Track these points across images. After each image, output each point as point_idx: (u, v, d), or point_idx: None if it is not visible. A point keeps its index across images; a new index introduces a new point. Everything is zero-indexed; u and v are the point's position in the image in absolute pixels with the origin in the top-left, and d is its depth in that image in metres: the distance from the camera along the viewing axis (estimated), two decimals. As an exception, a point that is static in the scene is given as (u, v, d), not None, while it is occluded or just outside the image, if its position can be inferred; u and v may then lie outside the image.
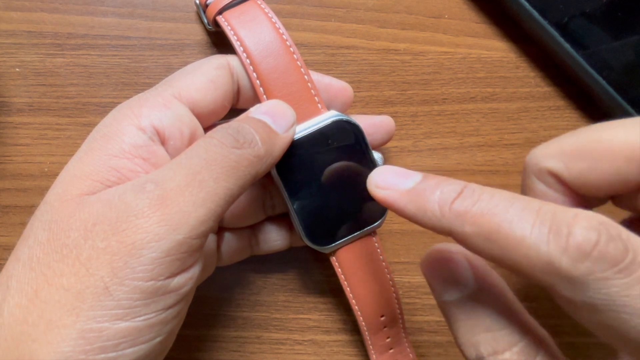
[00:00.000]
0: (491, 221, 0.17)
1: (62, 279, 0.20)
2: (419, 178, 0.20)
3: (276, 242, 0.30)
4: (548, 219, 0.17)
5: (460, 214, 0.18)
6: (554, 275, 0.16)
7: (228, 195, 0.22)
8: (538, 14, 0.32)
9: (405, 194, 0.20)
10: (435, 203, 0.19)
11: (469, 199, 0.18)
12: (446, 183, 0.19)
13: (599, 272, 0.16)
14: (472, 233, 0.18)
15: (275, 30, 0.27)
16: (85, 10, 0.31)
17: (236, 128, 0.23)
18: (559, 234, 0.16)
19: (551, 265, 0.16)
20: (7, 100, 0.31)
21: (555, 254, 0.16)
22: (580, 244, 0.16)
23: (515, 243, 0.17)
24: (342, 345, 0.33)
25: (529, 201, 0.17)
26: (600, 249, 0.16)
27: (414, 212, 0.19)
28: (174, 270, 0.21)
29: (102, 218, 0.21)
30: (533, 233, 0.16)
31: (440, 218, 0.18)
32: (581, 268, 0.16)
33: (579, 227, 0.16)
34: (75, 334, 0.19)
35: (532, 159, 0.22)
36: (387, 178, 0.20)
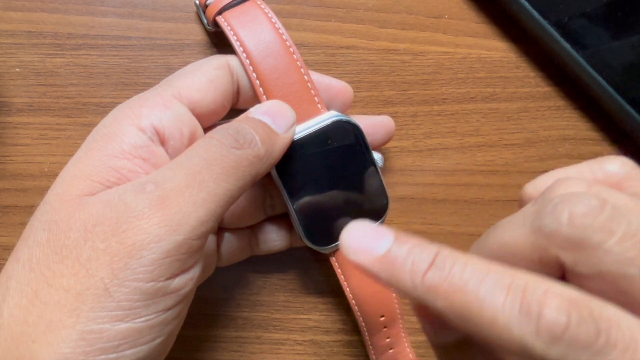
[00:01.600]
0: (463, 298, 0.17)
1: (62, 279, 0.20)
2: (390, 241, 0.19)
3: (276, 242, 0.30)
4: (519, 296, 0.16)
5: (431, 289, 0.17)
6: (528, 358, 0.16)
7: (228, 195, 0.22)
8: (538, 14, 0.32)
9: (377, 260, 0.19)
10: (407, 274, 0.18)
11: (440, 271, 0.17)
12: (418, 250, 0.18)
13: (572, 355, 0.15)
14: (444, 309, 0.17)
15: (275, 30, 0.27)
16: (85, 10, 0.31)
17: (236, 128, 0.23)
18: (529, 315, 0.15)
19: (524, 349, 0.15)
20: (7, 100, 0.31)
21: (527, 338, 0.15)
22: (551, 327, 0.15)
23: (488, 323, 0.16)
24: (342, 346, 0.33)
25: (501, 274, 0.17)
26: (571, 332, 0.15)
27: (387, 280, 0.18)
28: (174, 271, 0.21)
29: (102, 219, 0.21)
30: (504, 313, 0.16)
31: (413, 289, 0.18)
32: (554, 352, 0.15)
33: (549, 309, 0.15)
34: (76, 335, 0.19)
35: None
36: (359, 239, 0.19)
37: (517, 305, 0.16)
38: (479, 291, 0.16)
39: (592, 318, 0.15)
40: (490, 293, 0.16)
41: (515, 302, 0.16)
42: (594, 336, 0.15)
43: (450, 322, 0.17)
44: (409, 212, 0.33)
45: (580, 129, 0.34)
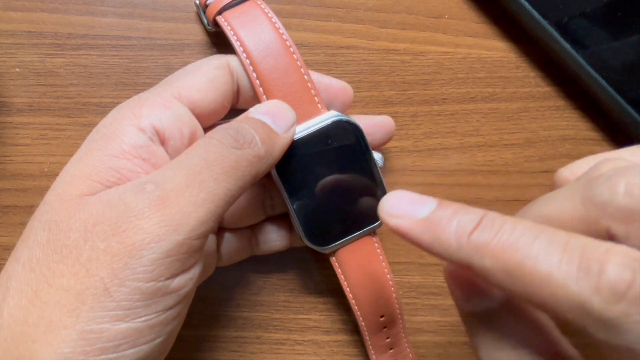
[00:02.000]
0: (514, 256, 0.16)
1: (62, 279, 0.20)
2: (434, 205, 0.19)
3: (276, 242, 0.30)
4: (577, 254, 0.15)
5: (479, 247, 0.17)
6: (586, 318, 0.15)
7: (228, 195, 0.22)
8: (538, 14, 0.32)
9: (419, 223, 0.18)
10: (452, 234, 0.17)
11: (489, 230, 0.17)
12: (464, 212, 0.18)
13: (636, 314, 0.14)
14: (492, 268, 0.16)
15: (275, 30, 0.27)
16: (85, 10, 0.31)
17: (236, 128, 0.23)
18: (589, 272, 0.15)
19: (582, 306, 0.15)
20: (7, 100, 0.31)
21: (586, 294, 0.15)
22: (613, 283, 0.14)
23: (541, 280, 0.15)
24: (342, 345, 0.33)
25: (555, 233, 0.16)
26: (636, 290, 0.14)
27: (429, 243, 0.18)
28: (174, 271, 0.21)
29: (102, 219, 0.21)
30: (561, 270, 0.15)
31: (458, 250, 0.17)
32: (616, 310, 0.14)
33: (612, 265, 0.15)
34: (76, 334, 0.19)
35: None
36: (400, 205, 0.19)
37: (575, 263, 0.15)
38: (532, 248, 0.16)
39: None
40: (544, 250, 0.16)
41: (573, 260, 0.15)
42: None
43: (498, 283, 0.17)
44: (409, 212, 0.33)
45: (580, 129, 0.34)
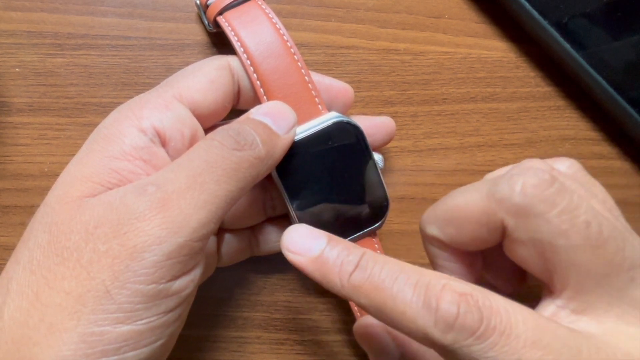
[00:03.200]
0: (380, 295, 0.20)
1: (63, 282, 0.20)
2: (324, 243, 0.22)
3: (276, 243, 0.30)
4: (423, 292, 0.19)
5: (356, 287, 0.20)
6: (433, 345, 0.19)
7: (229, 197, 0.22)
8: (538, 14, 0.32)
9: (312, 262, 0.22)
10: (337, 275, 0.21)
11: (363, 272, 0.21)
12: (347, 253, 0.21)
13: (462, 340, 0.18)
14: (367, 305, 0.20)
15: (276, 30, 0.27)
16: (85, 10, 0.31)
17: (237, 130, 0.23)
18: (430, 308, 0.19)
19: (427, 337, 0.19)
20: (7, 100, 0.31)
21: (429, 327, 0.19)
22: (445, 317, 0.18)
23: (399, 317, 0.19)
24: (342, 345, 0.33)
25: (410, 273, 0.20)
26: (459, 321, 0.18)
27: (320, 280, 0.22)
28: (175, 273, 0.21)
29: (103, 221, 0.21)
30: (411, 308, 0.19)
31: (342, 289, 0.21)
32: (448, 338, 0.18)
33: (443, 302, 0.19)
34: (77, 337, 0.19)
35: (421, 226, 0.25)
36: (296, 241, 0.23)
37: (421, 300, 0.19)
38: (392, 289, 0.20)
39: (476, 308, 0.19)
40: (401, 290, 0.20)
41: (420, 297, 0.19)
42: (478, 323, 0.18)
43: (374, 317, 0.20)
44: (409, 212, 0.34)
45: (580, 129, 0.34)
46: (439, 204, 0.24)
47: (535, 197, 0.20)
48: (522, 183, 0.21)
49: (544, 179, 0.21)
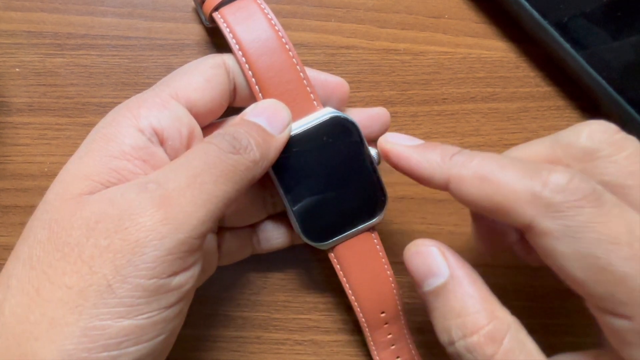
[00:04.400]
0: (485, 167, 0.21)
1: (64, 277, 0.20)
2: (423, 141, 0.24)
3: (277, 240, 0.30)
4: (531, 167, 0.20)
5: (458, 163, 0.22)
6: (536, 205, 0.20)
7: (226, 197, 0.22)
8: (538, 14, 0.32)
9: (411, 147, 0.23)
10: (438, 154, 0.22)
11: (466, 154, 0.22)
12: (446, 144, 0.23)
13: (573, 200, 0.19)
14: (468, 176, 0.21)
15: (271, 27, 0.27)
16: (85, 10, 0.31)
17: (232, 134, 0.23)
18: (540, 175, 0.20)
19: (534, 195, 0.19)
20: (7, 100, 0.31)
21: (537, 187, 0.20)
22: (558, 179, 0.19)
23: (505, 182, 0.20)
24: (342, 345, 0.33)
25: (514, 159, 0.21)
26: (574, 184, 0.19)
27: (417, 160, 0.23)
28: (175, 268, 0.21)
29: (104, 216, 0.21)
30: (519, 175, 0.20)
31: (442, 165, 0.22)
32: (559, 197, 0.19)
33: (557, 170, 0.20)
34: (78, 331, 0.19)
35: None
36: (397, 136, 0.25)
37: (529, 170, 0.20)
38: (498, 162, 0.21)
39: (590, 181, 0.19)
40: (509, 165, 0.21)
41: (529, 169, 0.20)
42: (592, 189, 0.19)
43: (470, 189, 0.21)
44: (409, 212, 0.33)
45: (580, 129, 0.34)
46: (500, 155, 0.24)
47: (604, 142, 0.21)
48: (589, 130, 0.22)
49: (610, 127, 0.22)
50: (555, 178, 0.19)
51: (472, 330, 0.21)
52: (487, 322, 0.21)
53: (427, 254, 0.23)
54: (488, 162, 0.21)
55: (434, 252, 0.23)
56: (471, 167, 0.21)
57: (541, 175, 0.20)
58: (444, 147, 0.23)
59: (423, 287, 0.23)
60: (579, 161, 0.22)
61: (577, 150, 0.22)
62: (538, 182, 0.20)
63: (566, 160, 0.22)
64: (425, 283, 0.23)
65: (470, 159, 0.22)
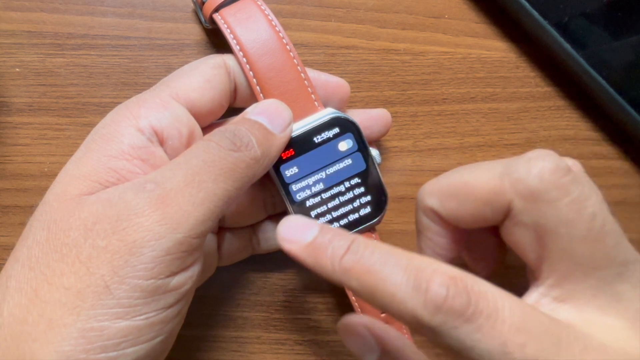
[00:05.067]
0: (371, 278, 0.20)
1: (62, 278, 0.20)
2: (316, 231, 0.22)
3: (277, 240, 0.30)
4: (412, 275, 0.19)
5: (347, 270, 0.20)
6: (422, 327, 0.19)
7: (226, 196, 0.22)
8: (538, 14, 0.32)
9: (305, 248, 0.22)
10: (328, 259, 0.21)
11: (354, 255, 0.20)
12: (338, 238, 0.21)
13: (449, 322, 0.18)
14: (357, 288, 0.20)
15: (271, 27, 0.27)
16: (85, 10, 0.31)
17: (233, 131, 0.23)
18: (419, 290, 0.19)
19: (417, 319, 0.19)
20: (7, 100, 0.31)
21: (418, 309, 0.19)
22: (434, 299, 0.18)
23: (390, 299, 0.19)
24: (342, 345, 0.33)
25: (400, 257, 0.20)
26: (448, 303, 0.18)
27: (313, 265, 0.21)
28: (174, 269, 0.21)
29: (102, 217, 0.21)
30: (401, 290, 0.19)
31: (333, 272, 0.21)
32: (437, 320, 0.18)
33: (433, 284, 0.19)
34: (76, 333, 0.19)
35: (419, 196, 0.25)
36: (290, 231, 0.22)
37: (411, 283, 0.19)
38: (382, 272, 0.20)
39: (465, 291, 0.19)
40: (391, 273, 0.19)
41: (410, 280, 0.19)
42: (466, 306, 0.18)
43: (364, 300, 0.20)
44: (409, 212, 0.33)
45: (580, 129, 0.34)
46: (443, 178, 0.24)
47: (551, 184, 0.21)
48: (541, 167, 0.21)
49: (561, 167, 0.21)
50: (431, 296, 0.18)
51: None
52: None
53: (356, 333, 0.25)
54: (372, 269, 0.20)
55: (361, 331, 0.25)
56: (358, 277, 0.20)
57: (420, 291, 0.19)
58: (335, 245, 0.21)
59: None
60: (523, 199, 0.21)
61: (524, 188, 0.21)
62: (418, 303, 0.19)
63: (511, 195, 0.21)
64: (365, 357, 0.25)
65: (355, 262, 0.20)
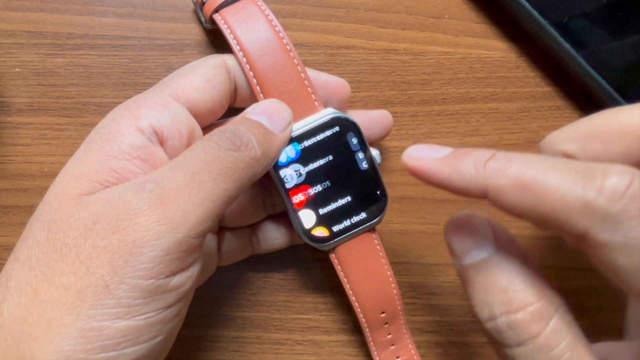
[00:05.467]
0: (526, 173, 0.18)
1: (62, 278, 0.20)
2: (451, 149, 0.21)
3: (276, 240, 0.30)
4: (581, 169, 0.18)
5: (495, 170, 0.19)
6: (591, 216, 0.17)
7: (226, 196, 0.22)
8: (538, 14, 0.32)
9: (439, 160, 0.21)
10: (470, 163, 0.20)
11: (502, 159, 0.19)
12: (478, 149, 0.20)
13: (634, 209, 0.16)
14: (507, 185, 0.18)
15: (272, 28, 0.27)
16: (85, 10, 0.31)
17: (233, 131, 0.23)
18: (593, 179, 0.17)
19: (588, 206, 0.17)
20: (7, 100, 0.31)
21: (591, 195, 0.17)
22: (615, 184, 0.17)
23: (552, 190, 0.18)
24: (342, 345, 0.33)
25: (558, 160, 0.19)
26: (634, 188, 0.16)
27: (448, 174, 0.20)
28: (173, 268, 0.21)
29: (102, 217, 0.21)
30: (568, 180, 0.17)
31: (476, 176, 0.19)
32: (617, 206, 0.17)
33: (613, 171, 0.17)
34: (76, 332, 0.19)
35: (547, 143, 0.22)
36: (421, 150, 0.21)
37: (580, 174, 0.17)
38: (542, 167, 0.18)
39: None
40: (553, 168, 0.18)
41: (579, 173, 0.18)
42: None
43: (511, 200, 0.19)
44: (409, 212, 0.33)
45: (580, 129, 0.34)
46: (580, 122, 0.22)
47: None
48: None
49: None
50: (612, 183, 0.17)
51: (517, 307, 0.19)
52: (535, 300, 0.19)
53: (473, 225, 0.21)
54: (529, 166, 0.18)
55: (481, 223, 0.21)
56: (510, 174, 0.19)
57: (595, 180, 0.17)
58: (477, 153, 0.20)
59: (464, 260, 0.21)
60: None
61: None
62: (591, 189, 0.17)
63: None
64: (467, 256, 0.21)
65: (507, 165, 0.19)
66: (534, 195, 0.18)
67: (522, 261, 0.21)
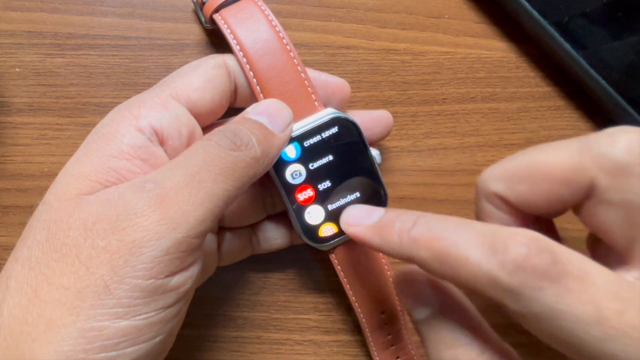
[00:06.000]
0: (441, 245, 0.19)
1: (62, 278, 0.20)
2: (382, 213, 0.22)
3: (276, 240, 0.30)
4: (487, 239, 0.18)
5: (415, 241, 0.20)
6: (497, 289, 0.18)
7: (226, 196, 0.22)
8: (538, 14, 0.32)
9: (370, 228, 0.22)
10: (395, 233, 0.21)
11: (422, 227, 0.20)
12: (404, 215, 0.21)
13: (532, 282, 0.17)
14: (427, 257, 0.19)
15: (272, 28, 0.27)
16: (85, 10, 0.31)
17: (233, 130, 0.23)
18: (496, 251, 0.18)
19: (493, 280, 0.18)
20: (7, 100, 0.31)
21: (495, 270, 0.17)
22: (513, 258, 0.17)
23: (463, 263, 0.18)
24: (342, 345, 0.33)
25: (472, 224, 0.19)
26: (530, 261, 0.17)
27: (379, 243, 0.21)
28: (173, 268, 0.21)
29: (101, 217, 0.21)
30: (476, 252, 0.18)
31: (400, 246, 0.20)
32: (516, 280, 0.17)
33: (513, 243, 0.18)
34: (76, 332, 0.19)
35: (481, 182, 0.23)
36: (355, 216, 0.23)
37: (486, 245, 0.18)
38: (453, 236, 0.19)
39: (550, 250, 0.17)
40: (463, 237, 0.19)
41: (485, 242, 0.18)
42: (551, 264, 0.17)
43: (433, 270, 0.19)
44: (409, 212, 0.33)
45: (580, 129, 0.34)
46: (509, 160, 0.22)
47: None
48: (627, 140, 0.19)
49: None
50: (511, 256, 0.17)
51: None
52: (479, 353, 0.20)
53: (415, 283, 0.23)
54: (444, 236, 0.19)
55: (420, 281, 0.22)
56: (428, 247, 0.19)
57: (497, 252, 0.18)
58: (402, 220, 0.21)
59: (412, 315, 0.22)
60: (608, 174, 0.19)
61: (609, 162, 0.19)
62: (495, 263, 0.18)
63: (593, 171, 0.19)
64: (416, 312, 0.22)
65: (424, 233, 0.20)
66: (449, 267, 0.19)
67: (465, 312, 0.22)
